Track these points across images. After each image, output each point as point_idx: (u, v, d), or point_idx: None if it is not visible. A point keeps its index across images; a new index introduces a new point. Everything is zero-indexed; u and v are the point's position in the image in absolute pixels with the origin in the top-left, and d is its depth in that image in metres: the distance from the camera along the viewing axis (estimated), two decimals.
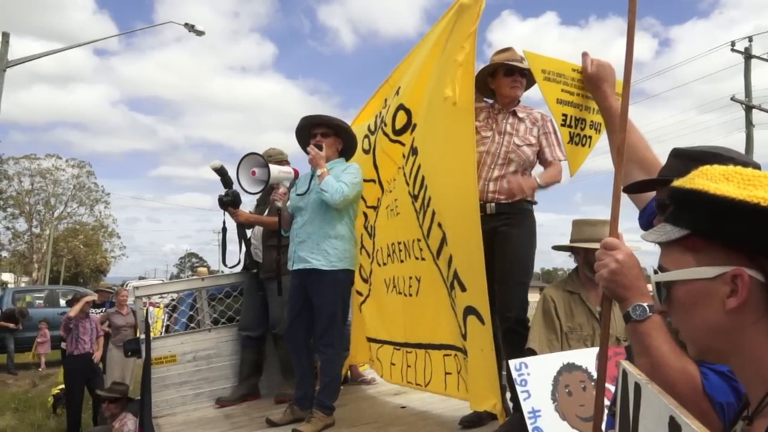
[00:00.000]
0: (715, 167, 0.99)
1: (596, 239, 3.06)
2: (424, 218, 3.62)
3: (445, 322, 3.57)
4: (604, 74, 2.38)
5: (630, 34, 1.83)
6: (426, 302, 3.77)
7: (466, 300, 3.24)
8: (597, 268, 1.49)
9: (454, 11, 3.33)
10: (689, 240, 0.99)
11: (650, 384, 1.02)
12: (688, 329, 1.03)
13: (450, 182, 3.34)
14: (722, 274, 0.94)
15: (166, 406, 4.77)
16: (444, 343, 3.65)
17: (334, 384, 3.95)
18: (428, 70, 3.60)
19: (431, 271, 3.64)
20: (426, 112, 3.59)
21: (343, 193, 3.73)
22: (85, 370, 8.57)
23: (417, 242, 3.77)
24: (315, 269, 3.82)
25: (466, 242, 3.20)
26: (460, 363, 3.50)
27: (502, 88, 3.59)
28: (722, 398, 1.27)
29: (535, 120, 3.62)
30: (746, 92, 22.59)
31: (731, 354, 0.97)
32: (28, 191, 44.13)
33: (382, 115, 4.17)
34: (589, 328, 3.09)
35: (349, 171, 3.91)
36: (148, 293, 5.45)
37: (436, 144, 3.46)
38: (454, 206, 3.32)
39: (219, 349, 5.04)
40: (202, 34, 16.99)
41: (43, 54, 16.11)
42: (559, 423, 2.50)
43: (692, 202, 0.97)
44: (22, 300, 16.80)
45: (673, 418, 0.90)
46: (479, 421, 3.59)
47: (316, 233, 3.85)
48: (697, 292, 0.98)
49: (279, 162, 4.92)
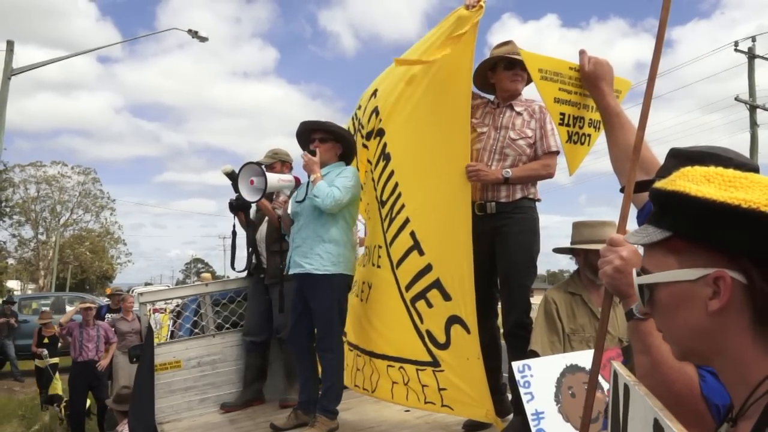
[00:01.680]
0: (696, 168, 0.98)
1: (596, 240, 3.06)
2: (390, 226, 3.57)
3: (390, 335, 3.53)
4: (602, 72, 2.36)
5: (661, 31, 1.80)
6: (373, 310, 3.74)
7: (450, 309, 3.19)
8: (601, 265, 1.48)
9: (452, 21, 3.29)
10: (671, 242, 0.98)
11: (638, 385, 1.03)
12: (670, 331, 1.03)
13: (436, 189, 3.30)
14: (704, 276, 0.93)
15: (171, 412, 4.77)
16: (384, 353, 3.61)
17: (336, 388, 3.94)
18: (410, 77, 3.54)
19: (384, 281, 3.59)
20: (403, 119, 3.56)
21: (333, 197, 3.72)
22: (88, 377, 8.55)
23: (377, 248, 3.73)
24: (309, 274, 3.82)
25: (455, 250, 3.16)
26: (408, 375, 3.43)
27: (503, 81, 3.55)
28: (718, 400, 1.27)
29: (533, 112, 3.55)
30: (750, 92, 22.53)
31: (714, 356, 0.97)
32: (34, 198, 44.30)
33: (359, 117, 4.17)
34: (591, 329, 3.08)
35: (343, 175, 3.90)
36: (152, 299, 5.47)
37: (420, 151, 3.41)
38: (439, 213, 3.28)
39: (223, 355, 5.04)
40: (206, 40, 17.06)
41: (48, 62, 16.19)
42: (562, 424, 2.49)
43: (673, 203, 0.97)
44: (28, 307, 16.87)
45: (657, 421, 0.90)
46: (482, 425, 3.58)
47: (310, 238, 3.87)
48: (679, 294, 0.97)
49: (284, 162, 4.95)
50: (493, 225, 3.40)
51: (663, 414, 0.88)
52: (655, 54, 1.81)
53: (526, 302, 3.50)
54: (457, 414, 3.31)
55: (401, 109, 3.60)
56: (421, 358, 3.33)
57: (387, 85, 3.85)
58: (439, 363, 3.26)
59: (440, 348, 3.25)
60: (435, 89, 3.37)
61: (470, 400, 3.16)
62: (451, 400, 3.24)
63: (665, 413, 0.87)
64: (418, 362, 3.36)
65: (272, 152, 5.09)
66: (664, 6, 1.79)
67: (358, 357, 3.96)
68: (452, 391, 3.23)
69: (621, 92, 2.70)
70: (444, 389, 3.24)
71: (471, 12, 3.15)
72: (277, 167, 4.94)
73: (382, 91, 3.90)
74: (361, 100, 4.27)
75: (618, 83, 2.51)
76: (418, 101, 3.48)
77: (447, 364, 3.23)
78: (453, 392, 3.23)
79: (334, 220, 3.87)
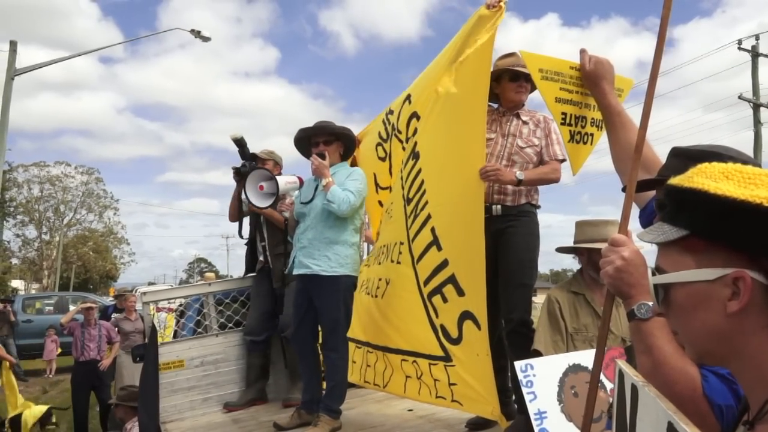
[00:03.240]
0: (714, 165, 0.96)
1: (599, 239, 3.06)
2: (413, 222, 3.59)
3: (406, 328, 3.54)
4: (603, 71, 2.35)
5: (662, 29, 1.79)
6: (388, 305, 3.74)
7: (463, 305, 3.20)
8: (602, 265, 1.46)
9: (473, 22, 3.28)
10: (688, 240, 0.96)
11: (647, 386, 1.00)
12: (686, 332, 1.00)
13: (454, 186, 3.33)
14: (723, 276, 0.91)
15: (174, 411, 4.77)
16: (399, 348, 3.61)
17: (340, 388, 3.95)
18: (439, 78, 3.59)
19: (403, 276, 3.59)
20: (432, 118, 3.59)
21: (350, 202, 3.77)
22: (90, 376, 8.54)
23: (399, 245, 3.74)
24: (316, 275, 3.85)
25: (469, 247, 3.18)
26: (421, 369, 3.44)
27: (507, 92, 3.61)
28: (721, 401, 1.27)
29: (538, 122, 3.65)
30: (754, 90, 22.50)
31: (731, 358, 0.95)
32: (38, 198, 44.47)
33: (392, 122, 4.18)
34: (594, 328, 3.07)
35: (353, 177, 3.93)
36: (155, 299, 5.47)
37: (443, 149, 3.45)
38: (456, 210, 3.31)
39: (226, 354, 5.05)
40: (209, 40, 17.07)
41: (51, 62, 16.21)
42: (565, 424, 2.49)
43: (691, 201, 0.94)
44: (32, 307, 16.92)
45: (671, 424, 0.87)
46: (486, 424, 3.59)
47: (317, 239, 3.89)
48: (696, 295, 0.95)
49: (277, 163, 4.99)
50: (498, 227, 3.45)
51: (678, 417, 0.85)
52: (656, 53, 1.80)
53: (528, 301, 3.53)
54: (466, 410, 3.31)
55: (430, 110, 3.65)
56: (434, 352, 3.35)
57: (422, 89, 3.87)
58: (450, 358, 3.28)
59: (453, 343, 3.27)
60: (457, 90, 3.41)
61: (478, 397, 3.17)
62: (461, 395, 3.26)
63: (680, 416, 0.85)
64: (431, 357, 3.38)
65: (268, 152, 5.10)
66: (666, 5, 1.79)
67: (369, 353, 3.97)
68: (462, 387, 3.25)
69: (623, 91, 2.69)
70: (454, 384, 3.26)
71: (491, 12, 3.15)
72: (269, 165, 4.97)
73: (417, 96, 3.91)
74: (393, 105, 4.28)
75: (620, 82, 2.50)
76: (444, 102, 3.54)
77: (458, 359, 3.25)
78: (462, 388, 3.24)
79: (342, 222, 3.90)
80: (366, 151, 4.66)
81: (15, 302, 16.12)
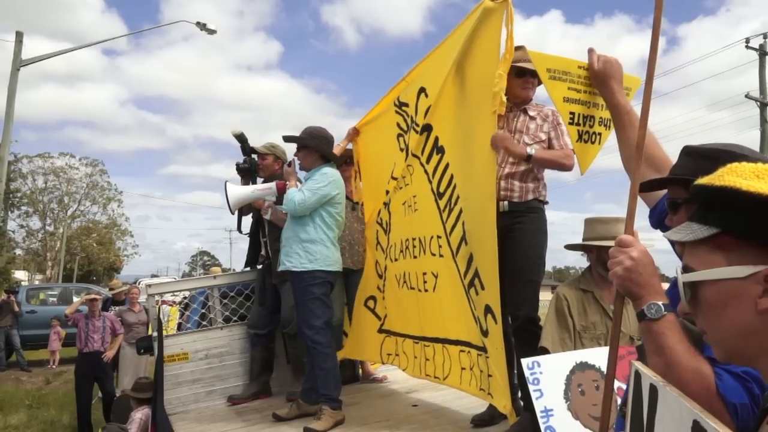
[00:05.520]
0: (744, 164, 0.96)
1: (609, 237, 3.05)
2: (448, 216, 3.62)
3: (461, 319, 3.57)
4: (611, 70, 2.33)
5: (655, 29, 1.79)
6: (442, 298, 3.77)
7: (484, 299, 3.25)
8: (611, 266, 1.46)
9: (478, 15, 3.27)
10: (718, 239, 0.96)
11: (668, 386, 1.00)
12: (716, 331, 0.99)
13: (475, 182, 3.36)
14: (755, 274, 0.91)
15: (178, 404, 4.79)
16: (458, 339, 3.64)
17: (333, 375, 4.03)
18: (454, 75, 3.57)
19: (449, 269, 3.64)
20: (457, 115, 3.58)
21: (295, 202, 4.00)
22: (94, 368, 8.56)
23: (436, 239, 3.77)
24: (290, 271, 4.06)
25: (486, 242, 3.22)
26: (473, 360, 3.49)
27: (514, 89, 3.57)
28: (736, 399, 1.25)
29: (546, 116, 3.62)
30: (761, 89, 22.39)
31: (761, 357, 0.94)
32: (42, 190, 44.54)
33: (411, 115, 4.18)
34: (602, 326, 3.07)
35: (313, 177, 4.16)
36: (160, 291, 5.48)
37: (467, 145, 3.46)
38: (477, 206, 3.33)
39: (231, 347, 5.06)
40: (214, 32, 17.06)
41: (55, 53, 16.24)
42: (571, 422, 2.48)
43: (722, 199, 0.94)
44: (36, 298, 16.96)
45: (697, 422, 0.87)
46: (491, 420, 3.59)
47: (291, 238, 4.14)
48: (727, 293, 0.94)
49: (278, 158, 5.03)
50: (505, 223, 3.42)
51: (705, 416, 0.85)
52: (651, 54, 1.80)
53: (536, 298, 3.52)
54: (495, 402, 3.32)
55: (445, 104, 3.66)
56: (479, 343, 3.39)
57: (434, 81, 3.85)
58: (486, 349, 3.31)
59: (484, 335, 3.30)
60: (466, 83, 3.45)
61: (501, 390, 3.20)
62: (493, 387, 3.29)
63: (706, 414, 0.85)
64: (478, 347, 3.43)
65: (270, 145, 5.09)
66: (657, 5, 1.78)
67: (426, 347, 4.02)
68: (493, 379, 3.28)
69: (631, 89, 2.67)
70: (491, 376, 3.30)
71: (496, 4, 3.13)
72: (269, 160, 5.00)
73: (432, 90, 3.89)
74: (402, 96, 4.29)
75: (627, 80, 2.48)
76: (456, 97, 3.56)
77: (488, 351, 3.29)
78: (494, 380, 3.28)
79: (311, 220, 4.11)
80: (379, 140, 4.65)
81: (19, 293, 16.14)
